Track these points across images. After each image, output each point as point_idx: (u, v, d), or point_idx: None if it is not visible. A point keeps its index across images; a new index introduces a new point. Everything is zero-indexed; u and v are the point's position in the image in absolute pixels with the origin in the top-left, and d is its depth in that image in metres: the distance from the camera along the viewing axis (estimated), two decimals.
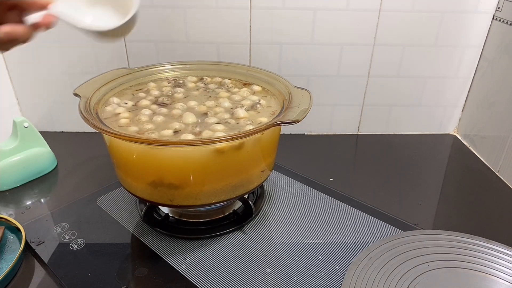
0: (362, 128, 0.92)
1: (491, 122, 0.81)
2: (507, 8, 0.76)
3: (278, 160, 0.69)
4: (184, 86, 0.68)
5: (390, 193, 0.71)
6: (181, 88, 0.67)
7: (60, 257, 0.55)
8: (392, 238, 0.56)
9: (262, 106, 0.60)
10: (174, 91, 0.66)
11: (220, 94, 0.65)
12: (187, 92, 0.66)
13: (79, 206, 0.66)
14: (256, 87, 0.67)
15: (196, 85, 0.69)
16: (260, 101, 0.61)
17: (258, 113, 0.59)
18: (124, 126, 0.55)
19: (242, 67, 0.71)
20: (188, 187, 0.53)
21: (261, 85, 0.67)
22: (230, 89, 0.67)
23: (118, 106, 0.60)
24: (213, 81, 0.70)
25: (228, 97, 0.64)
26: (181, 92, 0.65)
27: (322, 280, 0.51)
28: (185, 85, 0.68)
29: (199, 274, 0.52)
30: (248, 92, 0.65)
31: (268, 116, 0.58)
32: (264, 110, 0.60)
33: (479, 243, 0.55)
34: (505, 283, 0.50)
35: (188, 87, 0.68)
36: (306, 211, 0.65)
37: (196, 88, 0.68)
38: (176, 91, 0.66)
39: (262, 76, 0.68)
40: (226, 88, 0.67)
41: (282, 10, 0.78)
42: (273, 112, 0.59)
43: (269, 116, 0.58)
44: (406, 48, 0.83)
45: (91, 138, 0.87)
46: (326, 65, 0.84)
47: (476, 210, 0.67)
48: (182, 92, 0.66)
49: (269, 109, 0.60)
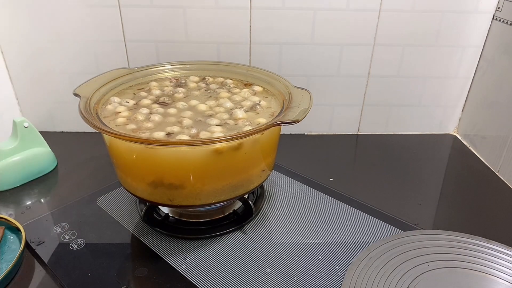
0: (362, 128, 0.92)
1: (491, 122, 0.81)
2: (507, 8, 0.76)
3: (278, 160, 0.69)
4: (185, 86, 0.68)
5: (390, 193, 0.71)
6: (183, 88, 0.67)
7: (60, 257, 0.55)
8: (392, 238, 0.56)
9: (262, 107, 0.60)
10: (175, 91, 0.66)
11: (221, 94, 0.65)
12: (188, 92, 0.66)
13: (79, 206, 0.66)
14: (257, 88, 0.67)
15: (197, 85, 0.69)
16: (260, 102, 0.61)
17: (257, 114, 0.59)
18: (121, 125, 0.55)
19: (242, 67, 0.71)
20: (188, 187, 0.53)
21: (262, 85, 0.67)
22: (231, 89, 0.67)
23: (119, 105, 0.60)
24: (215, 81, 0.70)
25: (229, 97, 0.64)
26: (182, 92, 0.65)
27: (322, 280, 0.51)
28: (186, 85, 0.68)
29: (199, 274, 0.52)
30: (249, 93, 0.65)
31: (267, 117, 0.58)
32: (263, 111, 0.59)
33: (479, 243, 0.55)
34: (505, 283, 0.50)
35: (190, 87, 0.68)
36: (306, 211, 0.65)
37: (197, 88, 0.68)
38: (176, 91, 0.66)
39: (262, 76, 0.68)
40: (227, 89, 0.67)
41: (282, 10, 0.78)
42: (272, 113, 0.59)
43: (268, 117, 0.58)
44: (406, 48, 0.83)
45: (91, 138, 0.87)
46: (326, 65, 0.84)
47: (476, 210, 0.67)
48: (183, 92, 0.66)
49: (269, 110, 0.60)
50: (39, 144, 0.73)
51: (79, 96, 0.57)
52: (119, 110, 0.59)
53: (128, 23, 0.80)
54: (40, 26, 0.79)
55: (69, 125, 0.90)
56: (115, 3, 0.77)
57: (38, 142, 0.73)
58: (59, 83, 0.84)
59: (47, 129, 0.89)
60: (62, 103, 0.86)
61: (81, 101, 0.55)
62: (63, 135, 0.90)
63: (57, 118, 0.89)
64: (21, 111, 0.88)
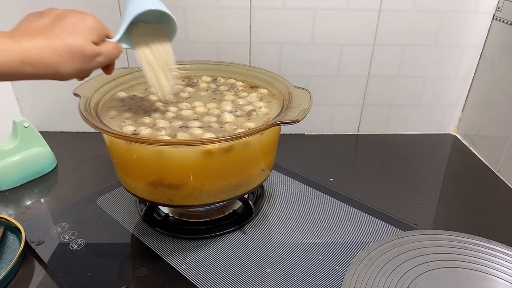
0: (362, 128, 0.92)
1: (491, 122, 0.81)
2: (507, 8, 0.76)
3: (278, 160, 0.69)
4: (196, 86, 0.68)
5: (390, 193, 0.71)
6: (192, 87, 0.67)
7: (60, 257, 0.55)
8: (392, 238, 0.56)
9: (258, 115, 0.58)
10: (183, 90, 0.66)
11: (226, 97, 0.64)
12: (195, 92, 0.66)
13: (79, 206, 0.66)
14: (263, 90, 0.66)
15: (208, 85, 0.69)
16: (261, 109, 0.59)
17: (248, 120, 0.57)
18: (114, 118, 0.56)
19: (242, 67, 0.71)
20: (188, 187, 0.53)
21: (265, 86, 0.67)
22: (238, 92, 0.66)
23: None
24: (226, 83, 0.69)
25: (233, 100, 0.63)
26: (188, 92, 0.65)
27: (322, 280, 0.51)
28: (197, 85, 0.68)
29: (199, 274, 0.52)
30: (257, 97, 0.64)
31: (260, 123, 0.56)
32: (257, 118, 0.58)
33: (479, 243, 0.55)
34: (505, 283, 0.50)
35: (200, 87, 0.68)
36: (306, 211, 0.65)
37: (206, 89, 0.67)
38: (183, 90, 0.66)
39: (262, 76, 0.68)
40: (235, 91, 0.66)
41: (282, 10, 0.78)
42: (268, 119, 0.57)
43: (262, 123, 0.56)
44: (406, 48, 0.83)
45: (91, 138, 0.87)
46: (326, 65, 0.84)
47: (476, 210, 0.67)
48: (189, 92, 0.65)
49: (266, 116, 0.58)
50: (39, 144, 0.73)
51: (79, 96, 0.57)
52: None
53: None
54: None
55: (69, 125, 0.90)
56: (115, 3, 0.77)
57: (38, 142, 0.73)
58: (59, 83, 0.83)
59: (47, 129, 0.89)
60: (62, 103, 0.86)
61: (81, 101, 0.55)
62: (63, 135, 0.90)
63: (57, 118, 0.89)
64: (21, 111, 0.88)
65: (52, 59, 0.40)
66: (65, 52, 0.41)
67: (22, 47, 0.38)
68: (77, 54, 0.42)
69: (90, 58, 0.43)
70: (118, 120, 0.56)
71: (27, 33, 0.40)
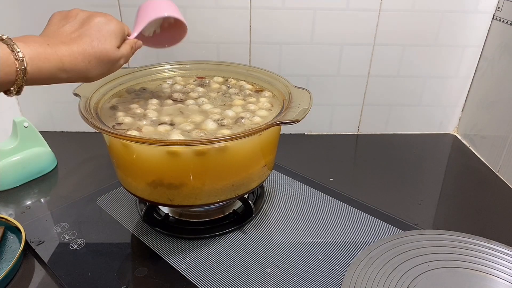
0: (362, 128, 0.92)
1: (491, 122, 0.81)
2: (507, 8, 0.76)
3: (278, 160, 0.69)
4: (207, 86, 0.68)
5: (390, 193, 0.72)
6: (203, 87, 0.67)
7: (60, 257, 0.55)
8: (392, 238, 0.56)
9: (245, 124, 0.56)
10: (193, 89, 0.66)
11: (234, 102, 0.63)
12: (205, 92, 0.66)
13: (79, 206, 0.66)
14: (268, 93, 0.65)
15: (219, 86, 0.68)
16: (254, 118, 0.58)
17: (239, 127, 0.56)
18: (112, 109, 0.58)
19: (242, 67, 0.71)
20: (188, 187, 0.53)
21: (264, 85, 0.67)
22: (246, 97, 0.64)
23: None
24: (237, 85, 0.69)
25: (242, 105, 0.62)
26: (197, 92, 0.65)
27: (322, 280, 0.51)
28: (209, 85, 0.69)
29: (199, 274, 0.52)
30: (268, 103, 0.62)
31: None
32: (245, 125, 0.56)
33: (479, 243, 0.55)
34: (505, 283, 0.50)
35: (211, 87, 0.68)
36: (306, 211, 0.65)
37: (217, 90, 0.67)
38: (193, 90, 0.66)
39: (262, 76, 0.68)
40: (243, 95, 0.65)
41: (282, 10, 0.78)
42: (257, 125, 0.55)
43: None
44: (406, 48, 0.83)
45: (91, 138, 0.87)
46: (326, 65, 0.84)
47: (476, 210, 0.67)
48: (198, 92, 0.65)
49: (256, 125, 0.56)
50: (39, 144, 0.73)
51: (79, 96, 0.57)
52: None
53: (128, 23, 0.79)
54: (40, 25, 0.79)
55: (69, 125, 0.90)
56: (115, 2, 0.77)
57: (38, 142, 0.73)
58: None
59: (47, 129, 0.89)
60: (62, 103, 0.86)
61: (81, 101, 0.55)
62: (63, 135, 0.90)
63: (57, 118, 0.89)
64: (21, 111, 0.88)
65: (83, 66, 0.43)
66: (94, 59, 0.44)
67: (59, 55, 0.41)
68: (104, 60, 0.46)
69: (114, 63, 0.48)
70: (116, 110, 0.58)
71: (62, 40, 0.43)
